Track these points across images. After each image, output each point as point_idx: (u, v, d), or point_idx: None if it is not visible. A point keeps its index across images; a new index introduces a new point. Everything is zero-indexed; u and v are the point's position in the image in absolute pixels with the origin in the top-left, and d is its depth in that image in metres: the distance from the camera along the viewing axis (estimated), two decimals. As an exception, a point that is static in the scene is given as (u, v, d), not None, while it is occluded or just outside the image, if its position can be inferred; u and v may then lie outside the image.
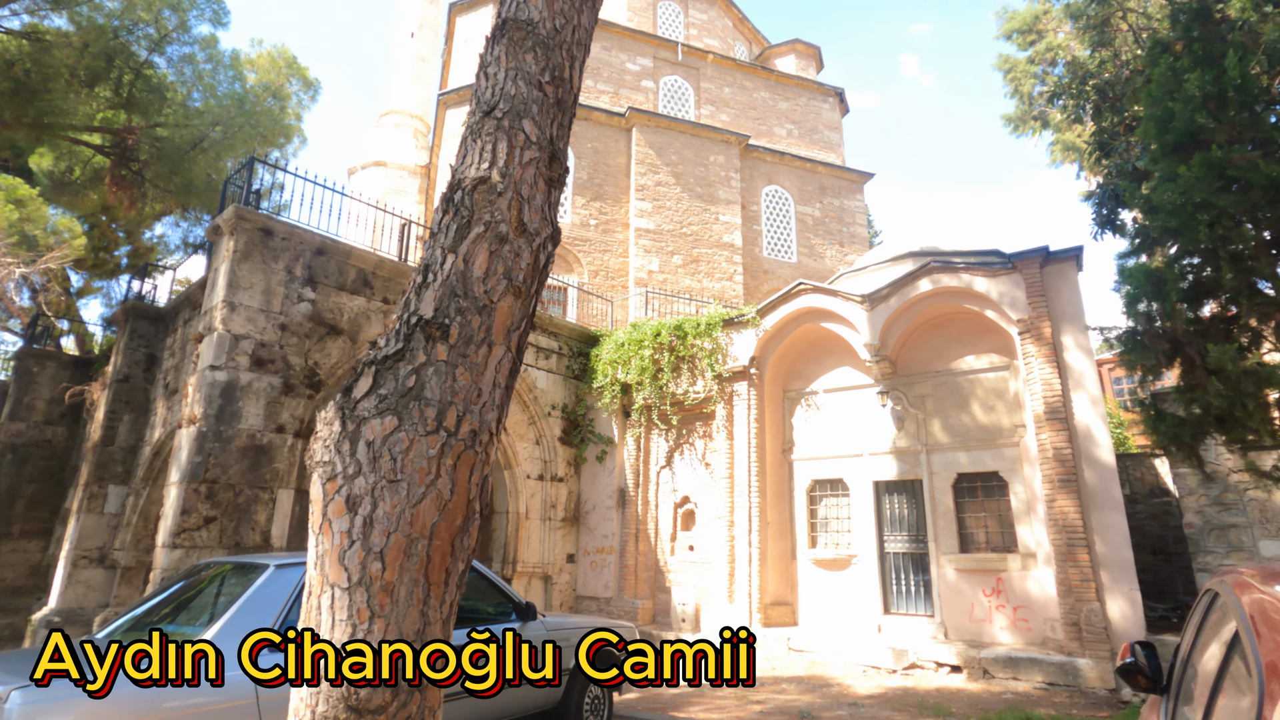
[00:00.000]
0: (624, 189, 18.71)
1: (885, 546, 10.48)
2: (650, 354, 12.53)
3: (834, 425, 11.41)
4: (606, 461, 12.97)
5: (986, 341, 10.30)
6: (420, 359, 2.43)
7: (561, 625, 5.43)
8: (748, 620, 10.55)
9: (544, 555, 12.33)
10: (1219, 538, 7.91)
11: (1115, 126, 9.68)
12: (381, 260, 10.44)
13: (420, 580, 2.30)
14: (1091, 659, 7.88)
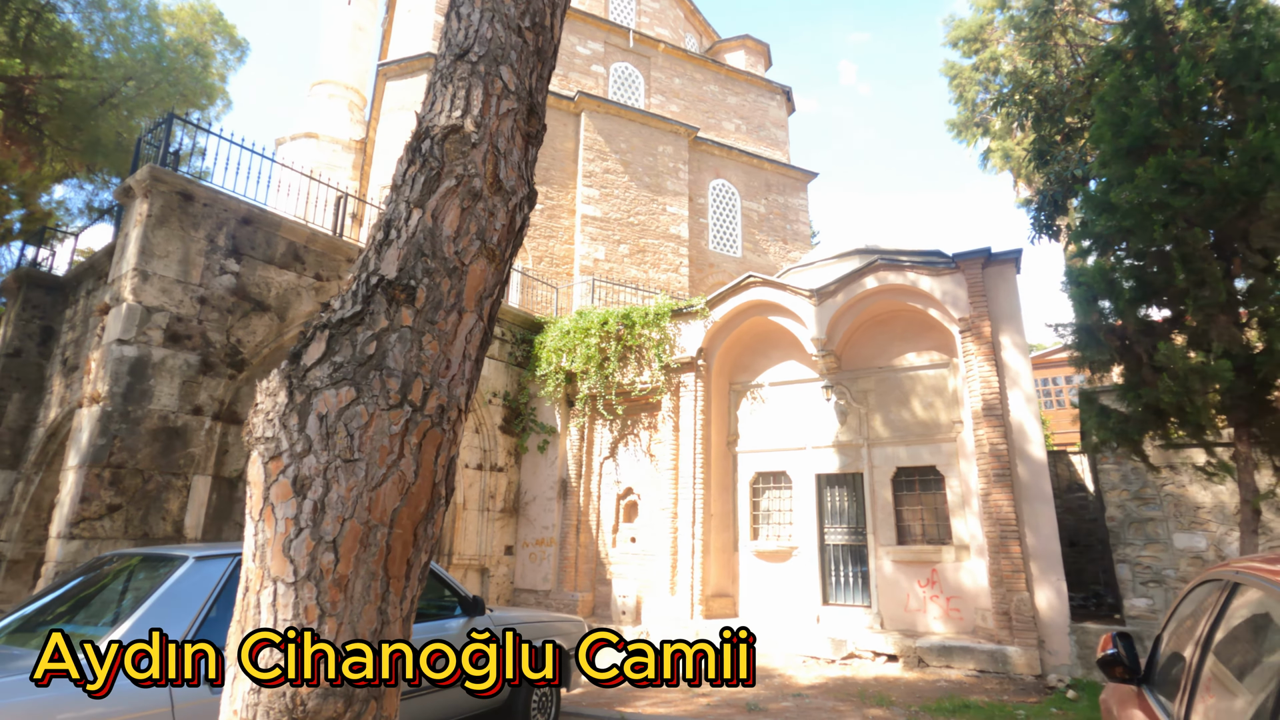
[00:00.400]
0: (571, 174, 18.35)
1: (826, 539, 10.62)
2: (596, 342, 12.29)
3: (779, 418, 11.48)
4: (548, 451, 12.67)
5: (928, 339, 10.56)
6: (382, 324, 2.15)
7: (510, 621, 5.16)
8: (689, 612, 10.50)
9: (481, 547, 11.95)
10: (1138, 530, 8.36)
11: (1053, 136, 10.05)
12: (315, 233, 9.80)
13: (379, 573, 2.03)
14: (1020, 646, 8.19)
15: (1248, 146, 4.46)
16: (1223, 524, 8.07)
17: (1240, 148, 4.53)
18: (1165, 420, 5.17)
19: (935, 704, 6.64)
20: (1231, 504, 8.08)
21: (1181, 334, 5.02)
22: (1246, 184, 4.50)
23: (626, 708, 6.50)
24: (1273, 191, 4.44)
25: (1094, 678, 7.84)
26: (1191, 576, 7.85)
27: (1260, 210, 4.51)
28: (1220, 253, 4.93)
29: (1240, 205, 4.62)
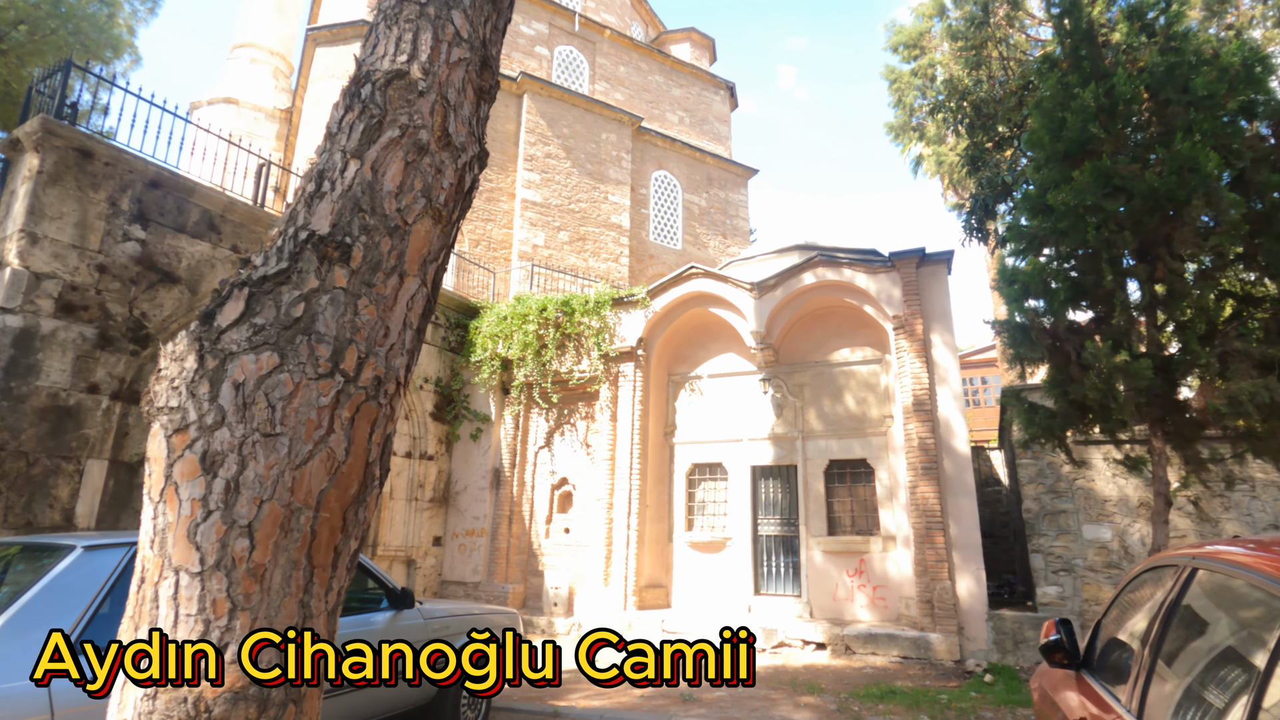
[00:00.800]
0: (511, 157, 17.88)
1: (759, 530, 10.75)
2: (535, 329, 12.01)
3: (716, 410, 11.53)
4: (482, 440, 12.32)
5: (862, 336, 10.80)
6: (311, 284, 1.92)
7: (440, 614, 4.91)
8: (622, 603, 10.43)
9: (408, 538, 11.51)
10: (1051, 522, 8.81)
11: (985, 143, 10.42)
12: (233, 202, 9.12)
13: (301, 562, 1.81)
14: (942, 633, 8.50)
15: (1175, 156, 4.70)
16: (1126, 516, 8.60)
17: (1168, 156, 4.77)
18: (1088, 416, 5.43)
19: (863, 691, 6.78)
20: (1135, 497, 8.62)
21: (1105, 334, 5.27)
22: (1173, 192, 4.74)
23: (561, 701, 6.35)
24: (1197, 200, 4.70)
25: (1008, 662, 8.22)
26: (1098, 566, 8.34)
27: (1183, 218, 4.78)
28: (1144, 257, 5.20)
29: (1165, 212, 4.89)
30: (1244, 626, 1.43)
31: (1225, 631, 1.51)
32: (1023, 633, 8.40)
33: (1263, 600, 1.37)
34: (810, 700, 6.43)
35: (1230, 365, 4.69)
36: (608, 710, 5.99)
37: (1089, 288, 5.35)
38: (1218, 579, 1.59)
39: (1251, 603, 1.42)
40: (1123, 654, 2.25)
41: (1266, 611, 1.39)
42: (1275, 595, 1.33)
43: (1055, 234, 5.27)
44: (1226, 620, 1.52)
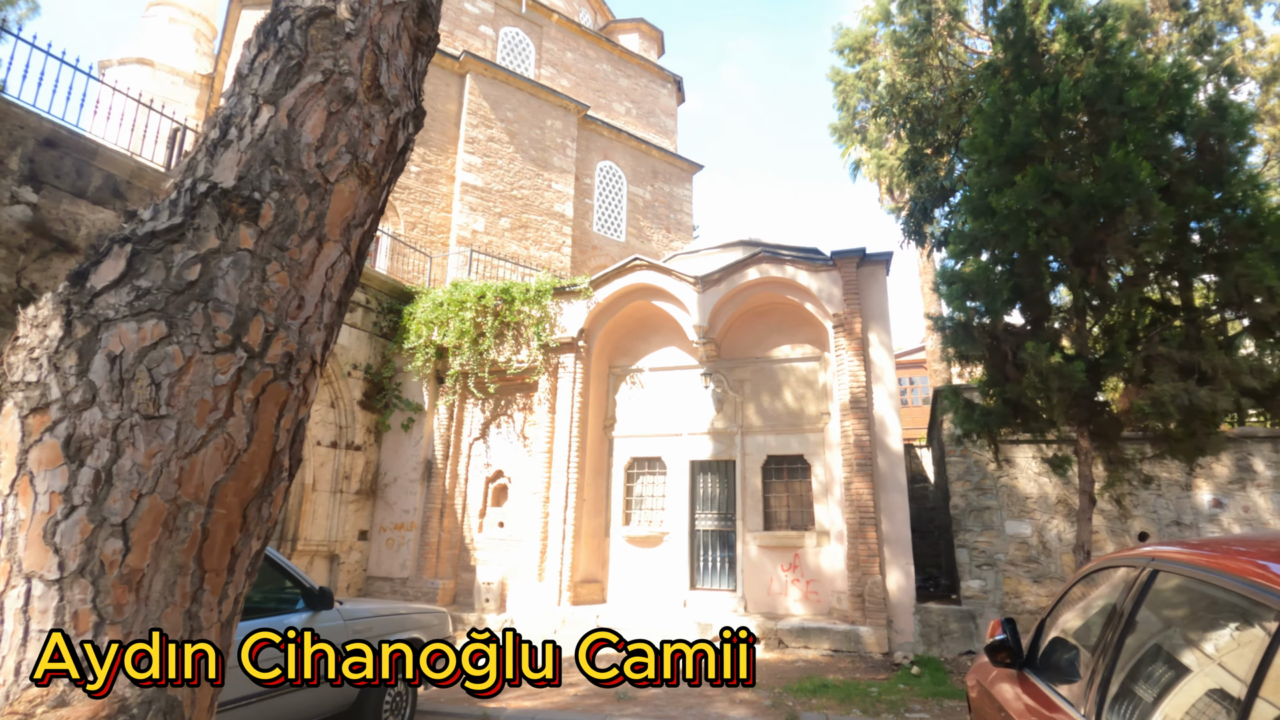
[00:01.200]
0: (452, 139, 17.28)
1: (696, 524, 10.73)
2: (472, 317, 11.62)
3: (657, 404, 11.43)
4: (413, 430, 11.85)
5: (802, 333, 10.91)
6: (211, 243, 1.65)
7: (363, 615, 4.60)
8: (556, 599, 10.22)
9: (332, 532, 10.95)
10: (976, 518, 9.12)
11: (924, 148, 10.66)
12: (142, 168, 8.40)
13: (189, 566, 1.55)
14: (871, 627, 8.66)
15: (1111, 164, 4.86)
16: (1045, 513, 8.97)
17: (1104, 164, 4.93)
18: (1022, 416, 5.59)
19: (797, 685, 6.82)
20: (1054, 495, 9.00)
21: (1041, 336, 5.44)
22: (1109, 199, 4.91)
23: (491, 702, 6.10)
24: (1130, 208, 4.88)
25: (933, 654, 8.46)
26: (1019, 560, 8.66)
27: (1116, 225, 4.95)
28: (1078, 262, 5.38)
29: (1099, 219, 5.06)
30: (1214, 631, 1.38)
31: (1194, 636, 1.47)
32: (947, 625, 8.66)
33: (1236, 605, 1.32)
34: (745, 696, 6.41)
35: (1154, 369, 4.90)
36: (541, 710, 5.80)
37: (1027, 290, 5.50)
38: (1183, 582, 1.56)
39: (1223, 607, 1.38)
40: (1070, 655, 2.24)
41: (1238, 615, 1.35)
42: (1249, 598, 1.29)
43: (997, 236, 5.39)
44: (1194, 624, 1.48)
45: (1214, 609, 1.43)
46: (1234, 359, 4.69)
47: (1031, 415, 5.48)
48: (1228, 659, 1.35)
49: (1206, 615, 1.47)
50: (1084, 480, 5.59)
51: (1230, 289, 4.72)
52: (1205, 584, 1.47)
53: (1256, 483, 8.63)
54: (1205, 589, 1.47)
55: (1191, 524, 8.64)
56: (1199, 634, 1.48)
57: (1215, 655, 1.37)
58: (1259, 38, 12.68)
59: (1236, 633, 1.37)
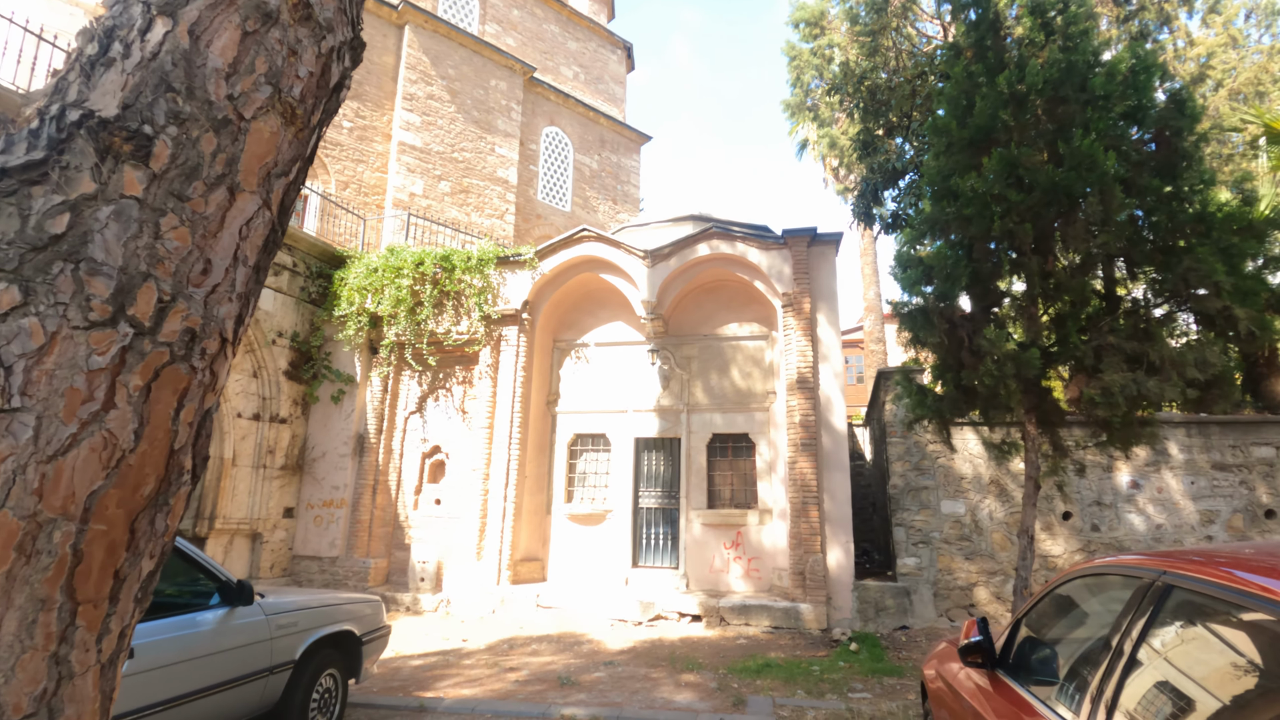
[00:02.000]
0: (389, 94, 16.29)
1: (640, 502, 10.62)
2: (409, 284, 11.03)
3: (602, 380, 11.19)
4: (344, 403, 11.23)
5: (751, 311, 10.84)
6: (85, 187, 1.30)
7: (288, 608, 4.23)
8: (496, 578, 9.96)
9: (254, 509, 10.31)
10: (914, 498, 9.34)
11: (877, 129, 10.63)
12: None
13: (55, 599, 1.23)
14: (811, 604, 8.78)
15: (1075, 152, 4.86)
16: (978, 493, 9.26)
17: (1069, 152, 4.93)
18: (974, 402, 5.63)
19: (741, 665, 6.81)
20: (986, 475, 9.29)
21: (998, 322, 5.47)
22: (1071, 187, 4.92)
23: (427, 692, 5.83)
24: (1092, 197, 4.91)
25: (869, 629, 8.65)
26: (952, 538, 8.90)
27: (1077, 213, 4.98)
28: (1036, 250, 5.41)
29: (1063, 206, 5.08)
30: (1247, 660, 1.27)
31: (1221, 664, 1.36)
32: (884, 601, 8.87)
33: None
34: (691, 678, 6.35)
35: (1104, 359, 4.99)
36: (481, 700, 5.56)
37: (984, 276, 5.51)
38: (1206, 602, 1.45)
39: (1264, 635, 1.27)
40: (1053, 659, 2.16)
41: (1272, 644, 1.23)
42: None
43: (960, 220, 5.35)
44: (1224, 653, 1.38)
45: (1256, 636, 1.31)
46: (1180, 350, 4.83)
47: (984, 401, 5.53)
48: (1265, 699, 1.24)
49: (1239, 642, 1.36)
50: (1030, 466, 5.71)
51: (1179, 282, 4.84)
52: (1233, 605, 1.36)
53: (1170, 465, 9.12)
54: (1235, 610, 1.36)
55: (1111, 504, 9.09)
56: (1229, 663, 1.38)
57: (1254, 692, 1.26)
58: (1188, 38, 13.19)
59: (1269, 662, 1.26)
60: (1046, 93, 5.17)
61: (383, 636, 5.21)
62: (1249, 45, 15.02)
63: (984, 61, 5.60)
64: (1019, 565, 5.68)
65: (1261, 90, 13.12)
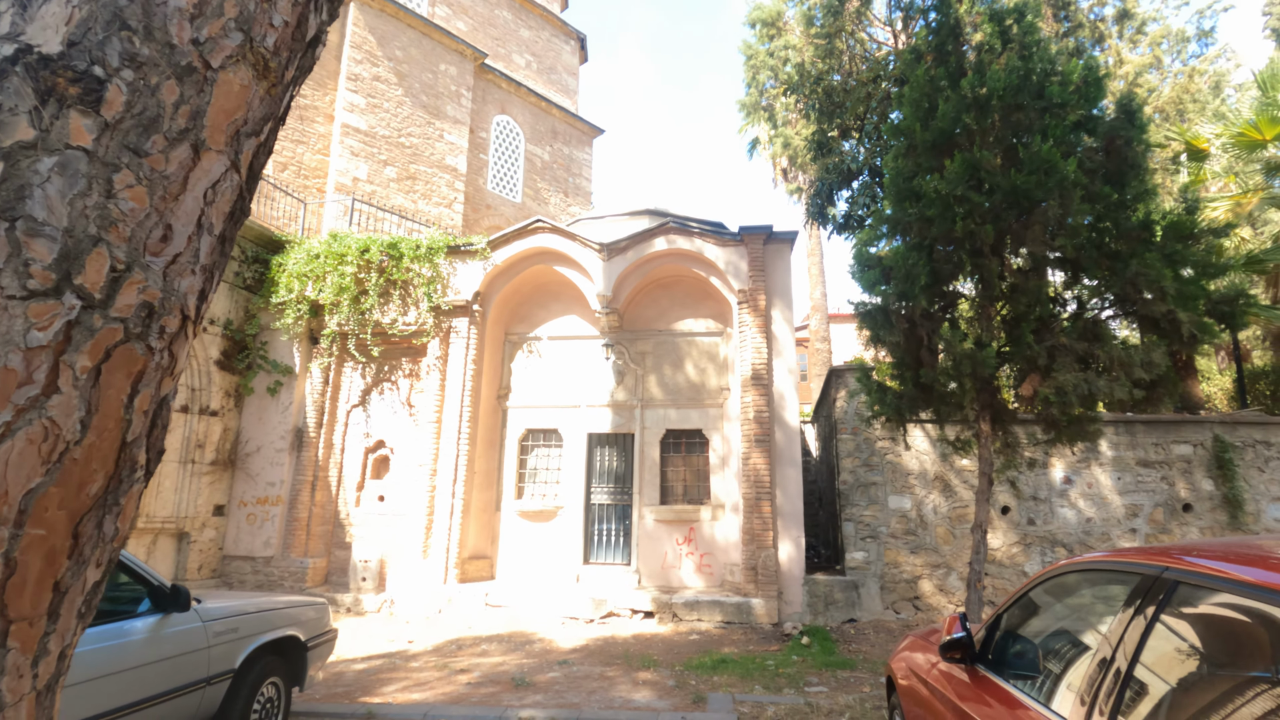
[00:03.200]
0: (332, 73, 15.60)
1: (592, 498, 10.49)
2: (353, 272, 10.57)
3: (555, 374, 11.00)
4: (281, 395, 10.69)
5: (706, 307, 10.85)
6: (22, 133, 1.12)
7: (226, 614, 3.93)
8: (443, 576, 9.67)
9: (181, 506, 9.70)
10: (863, 493, 9.53)
11: (831, 131, 10.78)
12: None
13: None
14: (763, 598, 8.85)
15: (1035, 157, 5.00)
16: (924, 488, 9.52)
17: (1029, 157, 5.07)
18: (933, 399, 5.75)
19: (697, 661, 6.79)
20: (931, 471, 9.56)
21: (955, 322, 5.60)
22: (1031, 191, 5.06)
23: (373, 697, 5.56)
24: (1052, 201, 5.06)
25: (819, 623, 8.78)
26: (899, 532, 9.12)
27: (1036, 217, 5.13)
28: (995, 251, 5.55)
29: (1023, 209, 5.22)
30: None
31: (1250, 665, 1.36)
32: (833, 595, 9.02)
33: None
34: (647, 676, 6.28)
35: (1057, 359, 5.17)
36: (432, 705, 5.34)
37: (945, 277, 5.62)
38: (1224, 599, 1.45)
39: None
40: (1044, 656, 2.16)
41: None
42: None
43: (921, 221, 5.44)
44: (1248, 653, 1.37)
45: (1267, 630, 1.31)
46: (1128, 351, 5.05)
47: (940, 399, 5.66)
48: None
49: (1248, 636, 1.36)
50: (984, 462, 5.87)
51: (1126, 285, 5.04)
52: (1243, 598, 1.36)
53: (1100, 461, 9.59)
54: (1244, 604, 1.36)
55: (1045, 499, 9.49)
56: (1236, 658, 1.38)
57: (1266, 686, 1.26)
58: (1119, 57, 13.90)
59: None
60: (1007, 99, 5.31)
61: (328, 641, 4.93)
62: (1169, 69, 15.98)
63: (945, 66, 5.71)
64: (972, 559, 5.83)
65: (1181, 109, 13.94)
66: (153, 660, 3.33)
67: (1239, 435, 9.70)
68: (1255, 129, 9.88)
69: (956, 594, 9.19)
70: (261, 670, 4.11)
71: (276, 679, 4.30)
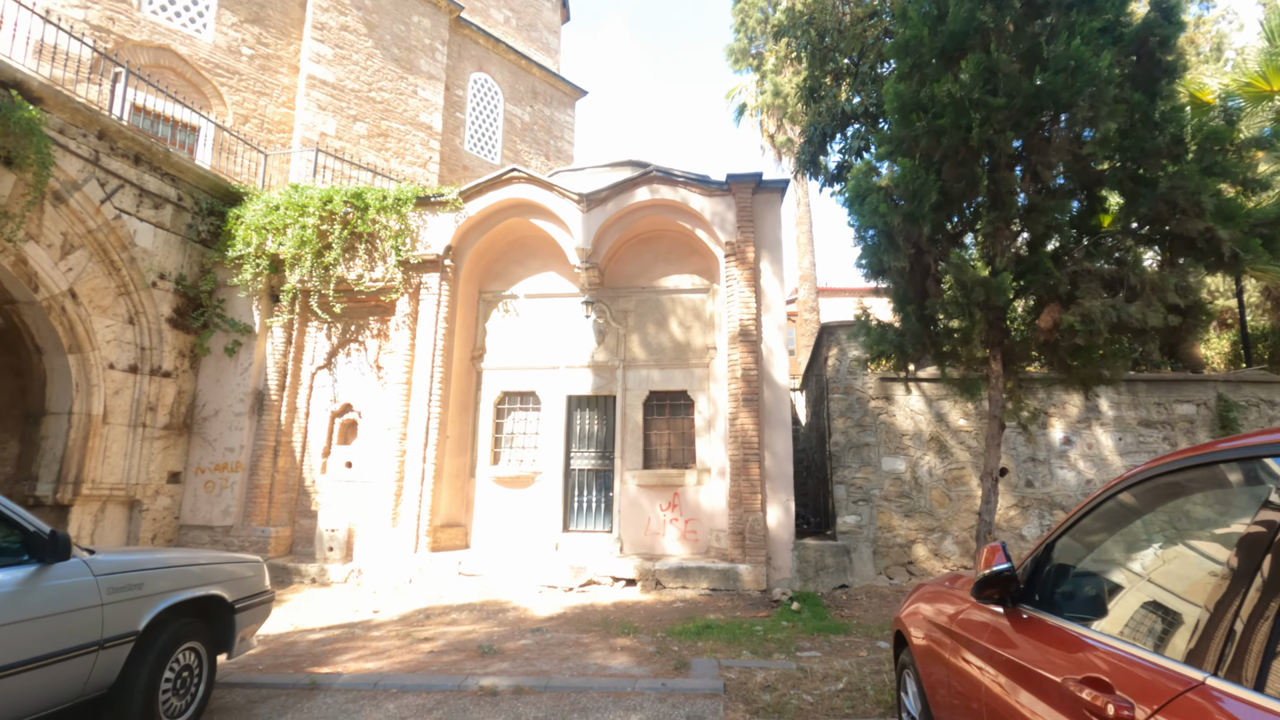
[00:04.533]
0: (296, 21, 14.70)
1: (572, 463, 9.97)
2: (315, 224, 9.89)
3: (532, 334, 10.42)
4: (240, 355, 10.03)
5: (691, 263, 10.28)
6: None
7: (128, 567, 3.37)
8: (414, 545, 9.14)
9: (131, 473, 9.06)
10: (855, 454, 9.08)
11: (824, 76, 10.17)
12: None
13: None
14: (751, 564, 8.41)
15: (1062, 56, 4.45)
16: (919, 449, 9.09)
17: (1055, 56, 4.52)
18: (939, 337, 5.23)
19: (680, 628, 6.32)
20: (927, 431, 9.12)
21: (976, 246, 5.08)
22: (1058, 93, 4.52)
23: (323, 667, 5.04)
24: (1083, 103, 4.52)
25: (809, 589, 8.36)
26: (892, 495, 8.68)
27: (1060, 123, 4.60)
28: (1012, 166, 5.01)
29: (1042, 116, 4.69)
30: None
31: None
32: (824, 560, 8.60)
33: None
34: (626, 642, 5.81)
35: (1080, 285, 4.67)
36: (386, 673, 4.83)
37: (956, 196, 5.07)
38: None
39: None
40: (1118, 591, 1.67)
41: None
42: None
43: (931, 135, 4.86)
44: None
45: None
46: (1161, 275, 4.55)
47: (946, 336, 5.14)
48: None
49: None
50: (994, 405, 5.38)
51: (1159, 202, 4.52)
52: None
53: (1101, 421, 9.19)
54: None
55: (1044, 460, 9.09)
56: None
57: None
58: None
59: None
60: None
61: (263, 603, 4.38)
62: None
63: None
64: (982, 509, 5.38)
65: (1184, 63, 13.41)
66: (19, 619, 2.76)
67: (1243, 394, 9.33)
68: (1263, 79, 9.40)
69: (952, 559, 8.80)
70: (175, 634, 3.55)
71: (196, 645, 3.75)
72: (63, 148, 8.25)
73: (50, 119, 8.10)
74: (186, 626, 3.66)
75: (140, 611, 3.35)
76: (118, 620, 3.21)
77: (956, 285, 4.65)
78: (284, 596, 8.25)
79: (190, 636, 3.69)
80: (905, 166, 4.83)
